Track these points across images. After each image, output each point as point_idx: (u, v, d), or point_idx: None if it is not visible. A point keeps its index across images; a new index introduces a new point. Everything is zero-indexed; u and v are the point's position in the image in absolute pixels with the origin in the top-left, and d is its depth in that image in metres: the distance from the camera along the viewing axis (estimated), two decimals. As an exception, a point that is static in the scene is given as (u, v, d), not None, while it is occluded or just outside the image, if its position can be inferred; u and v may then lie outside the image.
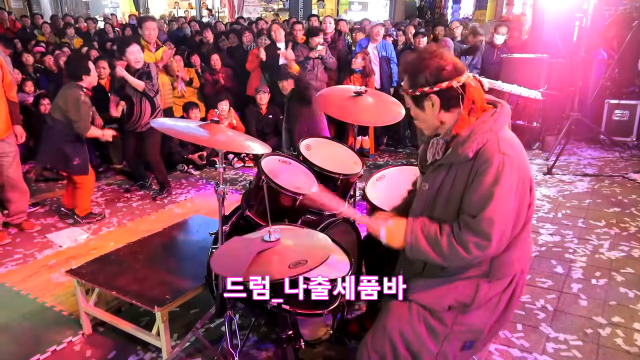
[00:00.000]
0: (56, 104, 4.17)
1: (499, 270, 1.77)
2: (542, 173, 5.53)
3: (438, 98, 1.70)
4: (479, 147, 1.66)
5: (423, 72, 1.68)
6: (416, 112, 1.78)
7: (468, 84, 1.69)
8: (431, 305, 1.80)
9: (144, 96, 4.66)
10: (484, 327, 1.84)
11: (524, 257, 1.82)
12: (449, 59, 1.69)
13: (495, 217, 1.63)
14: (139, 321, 2.85)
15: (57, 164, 4.33)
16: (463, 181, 1.70)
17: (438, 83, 1.67)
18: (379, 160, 6.25)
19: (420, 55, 1.72)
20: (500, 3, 14.82)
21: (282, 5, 18.58)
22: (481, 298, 1.78)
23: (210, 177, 5.68)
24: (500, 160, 1.63)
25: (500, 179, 1.62)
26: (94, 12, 14.51)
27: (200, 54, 6.97)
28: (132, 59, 4.52)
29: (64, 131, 4.13)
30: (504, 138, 1.68)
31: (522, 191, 1.66)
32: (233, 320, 2.38)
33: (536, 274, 3.42)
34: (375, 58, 6.24)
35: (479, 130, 1.67)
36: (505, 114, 1.73)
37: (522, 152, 1.72)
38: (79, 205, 4.42)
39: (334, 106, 3.11)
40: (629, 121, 6.35)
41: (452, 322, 1.80)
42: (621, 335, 2.78)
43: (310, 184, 2.70)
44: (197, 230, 3.40)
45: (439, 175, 1.77)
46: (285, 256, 1.88)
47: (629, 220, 4.30)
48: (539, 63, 6.08)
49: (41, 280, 3.47)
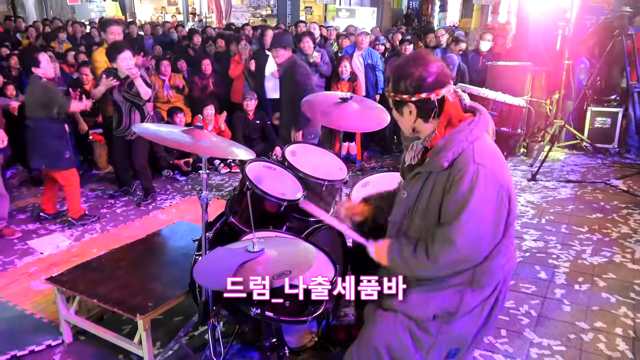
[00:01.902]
0: (30, 103, 4.17)
1: (482, 278, 1.77)
2: (526, 179, 5.59)
3: (415, 107, 1.72)
4: (455, 156, 1.67)
5: (405, 79, 1.69)
6: (396, 114, 1.82)
7: (446, 99, 1.71)
8: (416, 314, 1.80)
9: (134, 105, 4.60)
10: (469, 335, 1.84)
11: (507, 265, 1.83)
12: (433, 69, 1.69)
13: (466, 226, 1.64)
14: (121, 329, 2.81)
15: (51, 163, 4.25)
16: (440, 190, 1.71)
17: (417, 93, 1.69)
18: (365, 166, 6.26)
19: (406, 61, 1.73)
20: (486, 11, 15.04)
21: (270, 12, 18.62)
22: (465, 306, 1.78)
23: (196, 183, 5.64)
24: (474, 170, 1.64)
25: (474, 189, 1.63)
26: (80, 16, 14.36)
27: (187, 59, 6.95)
28: (124, 66, 4.43)
29: (47, 126, 4.13)
30: (480, 147, 1.69)
31: (498, 200, 1.67)
32: (216, 328, 2.35)
33: (520, 279, 3.45)
34: (360, 65, 6.27)
35: (455, 139, 1.68)
36: (483, 123, 1.74)
37: (499, 161, 1.73)
38: (71, 208, 4.39)
39: (320, 112, 3.11)
40: (611, 128, 6.46)
41: (437, 331, 1.80)
42: (603, 341, 2.81)
43: (295, 190, 2.69)
44: (181, 237, 3.36)
45: (417, 183, 1.78)
46: (269, 267, 1.86)
47: (611, 226, 4.36)
48: (523, 70, 6.17)
49: (21, 287, 3.40)
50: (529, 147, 6.56)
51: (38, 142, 4.15)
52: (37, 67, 4.11)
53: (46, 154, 4.17)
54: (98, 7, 15.10)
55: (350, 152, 6.20)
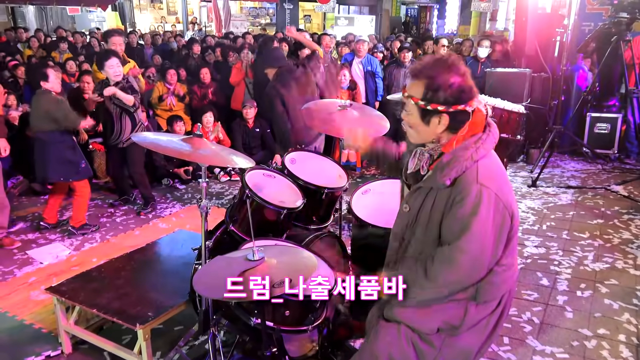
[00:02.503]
0: (40, 117, 4.17)
1: (486, 293, 1.74)
2: (526, 185, 5.59)
3: (449, 119, 1.63)
4: (457, 175, 1.63)
5: (445, 89, 1.60)
6: (416, 122, 1.69)
7: (478, 110, 1.66)
8: (420, 327, 1.77)
9: (124, 111, 4.59)
10: (473, 348, 1.81)
11: (511, 278, 1.81)
12: (467, 77, 1.63)
13: (468, 247, 1.62)
14: (120, 339, 2.79)
15: (69, 174, 4.27)
16: (441, 207, 1.68)
17: (456, 104, 1.61)
18: (365, 173, 6.26)
19: (443, 68, 1.62)
20: (484, 19, 15.14)
21: (269, 20, 18.72)
22: (470, 320, 1.75)
23: (196, 192, 5.63)
24: (477, 191, 1.60)
25: (477, 211, 1.60)
26: (80, 26, 14.43)
27: (187, 68, 6.98)
28: (112, 73, 4.45)
29: (60, 139, 4.19)
30: (485, 167, 1.65)
31: (501, 221, 1.64)
32: (217, 338, 2.34)
33: (522, 286, 3.43)
34: (360, 72, 6.29)
35: (459, 157, 1.63)
36: (491, 140, 1.69)
37: (502, 179, 1.69)
38: (75, 217, 4.40)
39: (319, 120, 3.12)
40: (611, 134, 6.46)
41: (441, 344, 1.77)
42: (607, 347, 2.79)
43: (295, 198, 2.68)
44: (181, 246, 3.35)
45: (419, 197, 1.75)
46: (269, 275, 1.85)
47: (612, 231, 4.35)
48: (521, 77, 6.18)
49: (20, 297, 3.38)
50: (529, 153, 6.56)
51: (51, 154, 4.17)
52: (45, 82, 4.17)
53: (62, 166, 4.20)
54: (98, 17, 15.18)
55: (350, 160, 6.20)
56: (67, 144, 4.25)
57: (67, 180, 4.28)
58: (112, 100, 4.56)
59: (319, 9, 15.70)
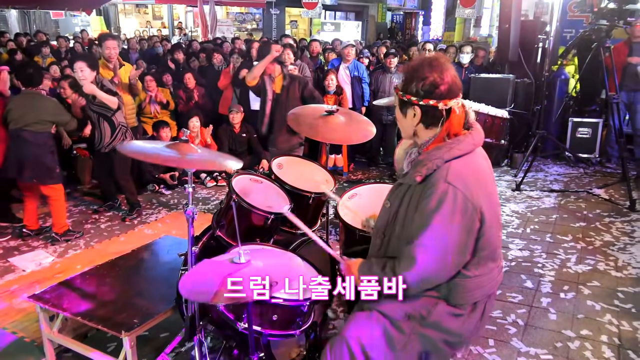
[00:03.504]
0: (36, 118, 4.14)
1: (458, 296, 1.76)
2: (510, 189, 5.66)
3: (421, 112, 1.71)
4: (428, 172, 1.67)
5: (418, 82, 1.68)
6: (399, 114, 1.80)
7: (453, 111, 1.70)
8: (391, 312, 1.79)
9: (101, 116, 4.54)
10: (439, 342, 1.82)
11: (489, 284, 1.81)
12: (448, 78, 1.68)
13: (427, 243, 1.64)
14: (105, 347, 2.76)
15: (43, 177, 4.22)
16: (414, 204, 1.71)
17: (426, 98, 1.68)
18: (352, 177, 6.28)
19: (424, 63, 1.70)
20: (468, 25, 15.33)
21: (255, 26, 18.75)
22: (438, 315, 1.77)
23: (182, 197, 5.60)
24: (444, 189, 1.63)
25: (439, 208, 1.62)
26: (64, 30, 14.28)
27: (172, 73, 6.94)
28: (79, 76, 4.38)
29: (45, 141, 4.21)
30: (457, 167, 1.67)
31: (466, 222, 1.65)
32: (203, 344, 2.32)
33: (507, 288, 3.47)
34: (347, 77, 6.33)
35: (432, 156, 1.69)
36: (469, 142, 1.73)
37: (476, 181, 1.69)
38: (57, 222, 4.35)
39: (306, 125, 3.12)
40: (592, 138, 6.59)
41: (410, 331, 1.78)
42: (589, 348, 2.84)
43: (282, 203, 2.69)
44: (167, 252, 3.32)
45: (399, 194, 1.80)
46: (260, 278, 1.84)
47: (594, 234, 4.42)
48: (505, 83, 6.28)
49: (2, 306, 3.32)
50: (512, 157, 6.65)
51: (32, 155, 4.14)
52: (38, 86, 4.25)
53: (39, 168, 4.17)
54: (82, 21, 15.04)
55: (337, 164, 6.22)
56: (49, 149, 4.24)
57: (40, 182, 4.22)
58: (89, 106, 4.53)
59: (306, 15, 15.76)
